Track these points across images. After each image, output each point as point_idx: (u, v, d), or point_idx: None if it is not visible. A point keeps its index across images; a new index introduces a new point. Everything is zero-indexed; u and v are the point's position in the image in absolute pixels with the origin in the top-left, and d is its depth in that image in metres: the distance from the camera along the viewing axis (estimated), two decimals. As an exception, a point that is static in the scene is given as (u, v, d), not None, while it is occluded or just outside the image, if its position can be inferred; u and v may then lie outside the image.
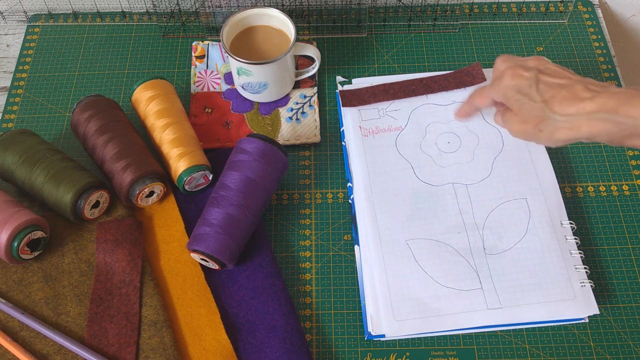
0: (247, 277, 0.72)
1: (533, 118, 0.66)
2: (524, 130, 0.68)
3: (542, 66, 0.68)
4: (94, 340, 0.68)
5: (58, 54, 0.92)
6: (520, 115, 0.68)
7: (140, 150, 0.75)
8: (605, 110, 0.61)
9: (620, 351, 0.68)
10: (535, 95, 0.66)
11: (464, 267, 0.72)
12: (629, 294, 0.72)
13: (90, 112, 0.76)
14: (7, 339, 0.68)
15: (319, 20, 0.93)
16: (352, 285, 0.73)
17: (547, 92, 0.65)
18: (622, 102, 0.61)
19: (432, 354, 0.68)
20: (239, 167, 0.72)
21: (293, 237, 0.76)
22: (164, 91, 0.79)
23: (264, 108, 0.85)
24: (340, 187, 0.80)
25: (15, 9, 0.95)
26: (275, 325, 0.69)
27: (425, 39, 0.92)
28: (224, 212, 0.70)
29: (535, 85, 0.66)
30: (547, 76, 0.67)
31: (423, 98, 0.84)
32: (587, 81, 0.65)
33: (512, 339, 0.69)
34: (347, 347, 0.69)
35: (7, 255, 0.70)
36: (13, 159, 0.73)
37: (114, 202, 0.76)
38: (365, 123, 0.82)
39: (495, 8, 0.94)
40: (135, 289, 0.70)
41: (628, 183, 0.79)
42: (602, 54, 0.90)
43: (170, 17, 0.93)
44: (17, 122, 0.85)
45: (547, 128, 0.66)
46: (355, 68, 0.89)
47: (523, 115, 0.68)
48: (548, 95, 0.65)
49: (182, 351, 0.68)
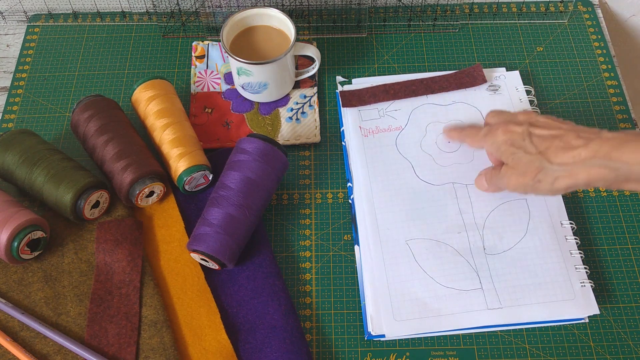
0: (247, 277, 0.72)
1: (531, 170, 0.66)
2: (523, 183, 0.68)
3: (532, 119, 0.69)
4: (94, 340, 0.68)
5: (58, 54, 0.92)
6: (518, 169, 0.68)
7: (140, 150, 0.75)
8: (599, 157, 0.62)
9: (620, 351, 0.68)
10: (530, 147, 0.67)
11: (464, 267, 0.72)
12: (629, 294, 0.72)
13: (90, 112, 0.76)
14: (7, 339, 0.68)
15: (319, 20, 0.93)
16: (352, 285, 0.73)
17: (541, 143, 0.66)
18: (615, 147, 0.61)
19: (432, 354, 0.68)
20: (239, 167, 0.72)
21: (293, 237, 0.76)
22: (164, 91, 0.79)
23: (264, 108, 0.85)
24: (340, 187, 0.80)
25: (15, 9, 0.95)
26: (275, 325, 0.69)
27: (425, 39, 0.92)
28: (224, 212, 0.70)
29: (528, 138, 0.67)
30: (539, 129, 0.67)
31: (423, 98, 0.84)
32: (579, 129, 0.66)
33: (512, 339, 0.69)
34: (347, 347, 0.69)
35: (7, 255, 0.70)
36: (13, 159, 0.73)
37: (114, 202, 0.76)
38: (365, 123, 0.82)
39: (495, 8, 0.94)
40: (135, 289, 0.70)
41: (628, 183, 0.79)
42: (602, 54, 0.90)
43: (170, 17, 0.93)
44: (17, 122, 0.85)
45: (545, 178, 0.66)
46: (355, 68, 0.89)
47: (520, 168, 0.67)
48: (543, 146, 0.66)
49: (182, 351, 0.68)
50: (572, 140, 0.64)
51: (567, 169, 0.64)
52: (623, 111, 0.84)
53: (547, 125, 0.68)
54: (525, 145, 0.67)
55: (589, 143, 0.63)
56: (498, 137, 0.69)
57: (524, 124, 0.69)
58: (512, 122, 0.70)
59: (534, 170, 0.66)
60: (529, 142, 0.67)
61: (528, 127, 0.68)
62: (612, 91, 0.86)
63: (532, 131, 0.68)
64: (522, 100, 0.83)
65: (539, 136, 0.67)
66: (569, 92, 0.86)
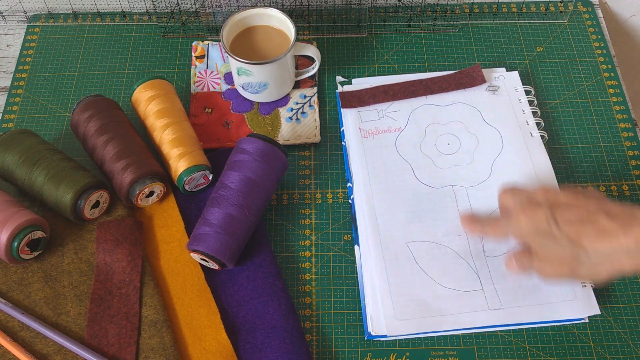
0: (247, 277, 0.72)
1: (566, 260, 0.61)
2: (560, 274, 0.62)
3: (552, 198, 0.63)
4: (94, 340, 0.68)
5: (58, 54, 0.92)
6: (551, 260, 0.62)
7: (140, 150, 0.75)
8: None
9: (620, 351, 0.68)
10: (559, 235, 0.60)
11: (465, 269, 0.72)
12: (629, 294, 0.72)
13: (90, 112, 0.76)
14: (7, 339, 0.68)
15: (319, 20, 0.93)
16: (352, 285, 0.73)
17: (570, 229, 0.60)
18: None
19: (432, 354, 0.68)
20: (239, 167, 0.72)
21: (293, 237, 0.76)
22: (164, 91, 0.79)
23: (264, 108, 0.85)
24: (340, 187, 0.80)
25: (15, 9, 0.95)
26: (275, 325, 0.69)
27: (425, 39, 0.92)
28: (224, 212, 0.70)
29: (554, 225, 0.61)
30: (562, 210, 0.61)
31: (422, 99, 0.84)
32: (607, 207, 0.60)
33: (512, 339, 0.69)
34: (347, 347, 0.69)
35: (7, 255, 0.70)
36: (13, 159, 0.73)
37: (114, 202, 0.76)
38: (364, 124, 0.82)
39: (495, 8, 0.94)
40: (135, 289, 0.70)
41: (628, 183, 0.79)
42: (602, 54, 0.90)
43: (170, 17, 0.93)
44: (17, 122, 0.85)
45: (584, 268, 0.60)
46: (355, 68, 0.89)
47: (554, 260, 0.62)
48: (573, 233, 0.60)
49: (182, 351, 0.68)
50: (605, 223, 0.58)
51: (607, 257, 0.59)
52: (623, 111, 0.84)
53: (570, 205, 0.62)
54: (553, 232, 0.61)
55: (628, 229, 0.57)
56: (521, 225, 0.63)
57: (545, 207, 0.62)
58: (532, 204, 0.63)
59: (569, 261, 0.61)
60: (556, 228, 0.61)
61: (550, 210, 0.62)
62: (612, 91, 0.86)
63: (556, 214, 0.61)
64: (522, 101, 0.83)
65: (564, 220, 0.61)
66: (569, 92, 0.86)
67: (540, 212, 0.62)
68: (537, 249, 0.63)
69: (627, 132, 0.83)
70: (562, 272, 0.62)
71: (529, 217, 0.62)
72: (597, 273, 0.60)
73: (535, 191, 0.65)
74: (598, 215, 0.59)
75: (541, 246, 0.62)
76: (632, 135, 0.82)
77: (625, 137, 0.82)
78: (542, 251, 0.63)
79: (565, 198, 0.63)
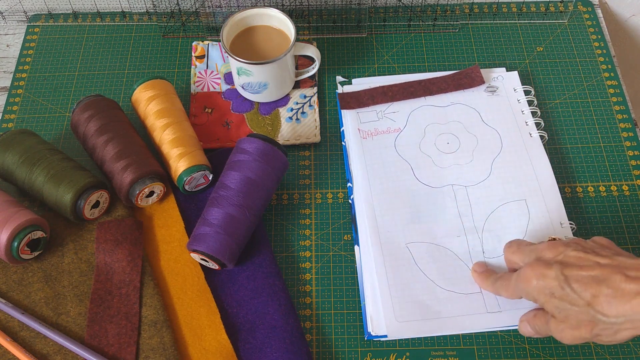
0: (247, 277, 0.72)
1: (584, 324, 0.58)
2: (580, 337, 0.59)
3: (561, 256, 0.60)
4: (94, 340, 0.68)
5: (58, 54, 0.92)
6: (568, 322, 0.59)
7: (140, 150, 0.75)
8: None
9: (620, 351, 0.68)
10: (574, 297, 0.57)
11: (464, 271, 0.72)
12: (628, 294, 0.72)
13: (90, 112, 0.76)
14: (7, 339, 0.68)
15: (319, 20, 0.93)
16: (352, 285, 0.73)
17: (584, 291, 0.57)
18: None
19: (432, 354, 0.68)
20: (239, 167, 0.72)
21: (293, 237, 0.76)
22: (164, 91, 0.79)
23: (264, 108, 0.85)
24: (340, 187, 0.80)
25: (15, 9, 0.95)
26: (275, 325, 0.69)
27: (425, 39, 0.92)
28: (224, 212, 0.70)
29: (568, 286, 0.58)
30: (573, 269, 0.58)
31: (422, 100, 0.84)
32: (622, 265, 0.57)
33: (512, 339, 0.69)
34: (347, 347, 0.69)
35: (7, 255, 0.70)
36: (13, 159, 0.73)
37: (114, 202, 0.76)
38: (363, 125, 0.82)
39: (495, 8, 0.94)
40: (135, 289, 0.70)
41: (628, 183, 0.79)
42: (602, 54, 0.90)
43: (170, 17, 0.93)
44: (17, 122, 0.85)
45: (605, 332, 0.57)
46: (355, 68, 0.89)
47: (571, 322, 0.58)
48: (588, 295, 0.57)
49: (182, 351, 0.68)
50: (622, 285, 0.55)
51: (628, 320, 0.55)
52: (623, 111, 0.84)
53: (580, 262, 0.59)
54: (567, 294, 0.58)
55: None
56: (531, 286, 0.60)
57: (555, 266, 0.59)
58: (541, 264, 0.60)
59: (588, 324, 0.57)
60: (570, 290, 0.57)
61: (560, 268, 0.59)
62: (612, 91, 0.86)
63: (567, 274, 0.58)
64: (521, 101, 0.83)
65: (577, 280, 0.57)
66: (569, 92, 0.86)
67: (551, 273, 0.59)
68: (552, 311, 0.60)
69: (627, 132, 0.83)
70: (582, 335, 0.59)
71: (539, 279, 0.59)
72: (620, 338, 0.57)
73: (543, 247, 0.62)
74: (614, 277, 0.56)
75: (556, 309, 0.59)
76: (632, 135, 0.82)
77: (625, 137, 0.82)
78: (558, 314, 0.59)
79: (575, 253, 0.60)
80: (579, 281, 0.57)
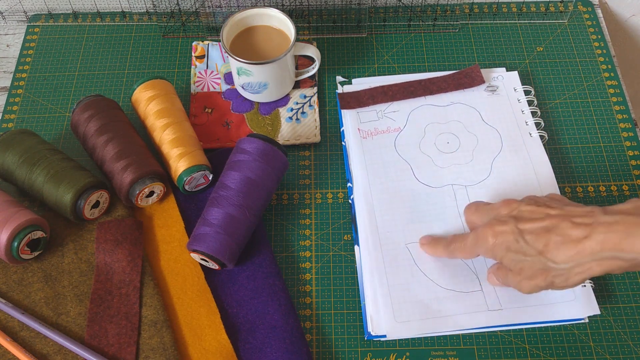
0: (247, 277, 0.72)
1: (538, 273, 0.61)
2: (536, 286, 0.62)
3: (515, 211, 0.63)
4: (94, 340, 0.68)
5: (58, 54, 0.92)
6: (524, 273, 0.62)
7: (140, 150, 0.75)
8: (608, 249, 0.56)
9: (620, 351, 0.68)
10: (527, 248, 0.60)
11: (464, 270, 0.72)
12: (629, 294, 0.72)
13: (90, 112, 0.76)
14: (7, 339, 0.68)
15: (319, 20, 0.93)
16: (352, 285, 0.73)
17: (536, 241, 0.60)
18: (623, 237, 0.55)
19: (432, 354, 0.68)
20: (239, 167, 0.72)
21: (293, 237, 0.76)
22: (164, 91, 0.79)
23: (264, 108, 0.85)
24: (340, 187, 0.80)
25: (15, 9, 0.95)
26: (275, 325, 0.69)
27: (425, 39, 0.92)
28: (224, 212, 0.70)
29: (521, 238, 0.61)
30: (526, 222, 0.61)
31: (422, 99, 0.84)
32: (570, 212, 0.60)
33: (512, 339, 0.69)
34: (347, 347, 0.69)
35: (7, 255, 0.70)
36: (13, 159, 0.73)
37: (114, 202, 0.76)
38: (363, 125, 0.82)
39: (495, 8, 0.94)
40: (135, 289, 0.70)
41: (628, 183, 0.79)
42: (602, 54, 0.90)
43: (170, 17, 0.93)
44: (17, 122, 0.85)
45: (557, 278, 0.60)
46: (355, 68, 0.89)
47: (527, 273, 0.62)
48: (540, 245, 0.60)
49: (182, 351, 0.68)
50: (569, 231, 0.58)
51: (576, 264, 0.58)
52: (623, 111, 0.84)
53: (532, 215, 0.61)
54: (522, 247, 0.61)
55: (591, 233, 0.57)
56: (488, 243, 0.63)
57: (510, 221, 0.62)
58: (497, 220, 0.63)
59: (541, 273, 0.60)
60: (524, 242, 0.60)
61: (515, 223, 0.61)
62: (612, 91, 0.86)
63: (521, 227, 0.61)
64: (521, 101, 0.83)
65: (529, 232, 0.60)
66: (569, 92, 0.86)
67: (505, 228, 0.62)
68: (509, 265, 0.63)
69: (627, 132, 0.83)
70: (537, 284, 0.61)
71: (496, 234, 0.62)
72: (571, 282, 0.60)
73: (499, 206, 0.65)
74: (562, 224, 0.59)
75: (512, 262, 0.62)
76: (632, 135, 0.82)
77: (625, 137, 0.82)
78: (514, 266, 0.62)
79: (528, 207, 0.63)
80: (532, 232, 0.60)
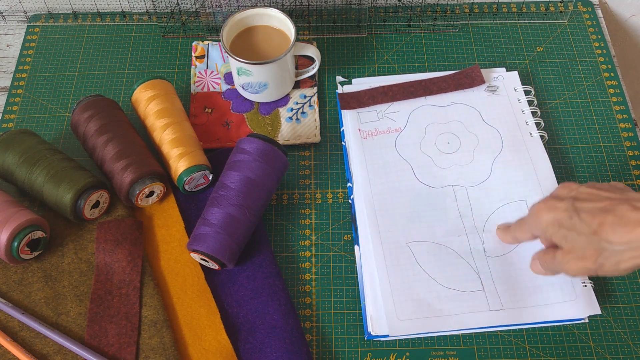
0: (247, 277, 0.72)
1: (590, 253, 0.59)
2: (585, 267, 0.60)
3: (574, 192, 0.62)
4: (94, 340, 0.68)
5: (58, 54, 0.92)
6: (574, 253, 0.60)
7: (140, 150, 0.75)
8: None
9: (620, 351, 0.68)
10: (581, 226, 0.58)
11: (465, 269, 0.72)
12: (629, 294, 0.72)
13: (90, 112, 0.76)
14: (7, 339, 0.68)
15: (319, 20, 0.93)
16: (352, 285, 0.73)
17: (592, 220, 0.58)
18: None
19: (432, 354, 0.68)
20: (239, 167, 0.72)
21: (293, 237, 0.76)
22: (164, 91, 0.79)
23: (264, 108, 0.85)
24: (340, 187, 0.80)
25: (15, 9, 0.95)
26: (275, 325, 0.69)
27: (425, 39, 0.92)
28: (223, 212, 0.70)
29: (576, 216, 0.59)
30: (584, 202, 0.60)
31: (422, 100, 0.84)
32: (631, 197, 0.58)
33: (512, 339, 0.69)
34: (347, 347, 0.69)
35: (7, 255, 0.70)
36: (13, 159, 0.73)
37: (114, 202, 0.76)
38: (364, 125, 0.82)
39: (495, 8, 0.94)
40: (135, 289, 0.70)
41: (628, 183, 0.79)
42: (602, 54, 0.90)
43: (170, 17, 0.93)
44: (17, 122, 0.85)
45: (608, 260, 0.58)
46: (355, 68, 0.89)
47: (577, 252, 0.60)
48: (595, 223, 0.58)
49: (182, 351, 0.68)
50: (628, 214, 0.56)
51: (631, 248, 0.56)
52: (623, 111, 0.84)
53: (591, 197, 0.60)
54: (575, 224, 0.59)
55: None
56: (542, 218, 0.62)
57: (567, 199, 0.61)
58: (553, 198, 0.62)
59: (593, 253, 0.59)
60: (578, 220, 0.59)
61: (572, 201, 0.60)
62: (612, 91, 0.86)
63: (578, 205, 0.59)
64: (521, 101, 0.83)
65: (586, 211, 0.59)
66: (569, 92, 0.86)
67: (561, 204, 0.61)
68: (560, 242, 0.61)
69: (627, 132, 0.83)
70: (586, 265, 0.60)
71: (550, 209, 0.61)
72: (622, 267, 0.58)
73: (559, 187, 0.64)
74: (621, 206, 0.57)
75: (564, 239, 0.61)
76: (632, 135, 0.82)
77: (625, 137, 0.82)
78: (565, 244, 0.61)
79: (587, 189, 0.61)
80: (588, 212, 0.59)
